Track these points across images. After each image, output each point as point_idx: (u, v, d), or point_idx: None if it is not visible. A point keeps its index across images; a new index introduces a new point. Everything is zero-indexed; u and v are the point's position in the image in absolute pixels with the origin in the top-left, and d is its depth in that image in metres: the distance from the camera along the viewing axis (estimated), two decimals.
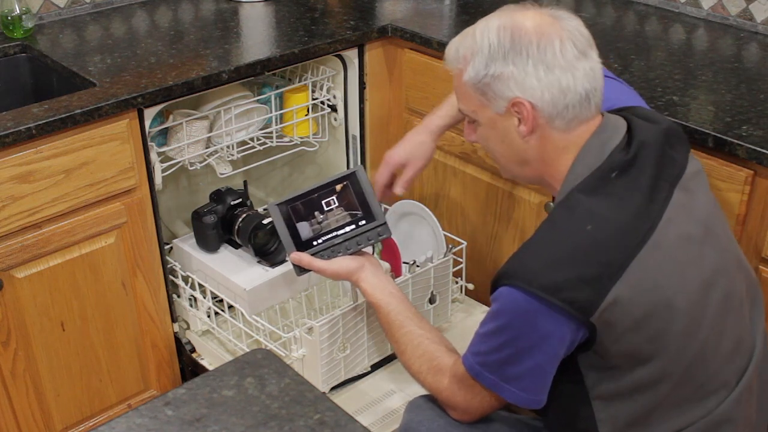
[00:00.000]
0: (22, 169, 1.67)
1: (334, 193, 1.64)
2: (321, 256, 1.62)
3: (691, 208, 1.28)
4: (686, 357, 1.24)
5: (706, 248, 1.27)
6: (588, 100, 1.25)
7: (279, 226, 1.62)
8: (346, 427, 1.04)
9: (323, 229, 1.63)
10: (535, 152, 1.30)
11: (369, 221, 1.64)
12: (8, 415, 1.86)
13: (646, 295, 1.20)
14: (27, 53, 2.07)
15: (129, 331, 1.99)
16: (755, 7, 2.11)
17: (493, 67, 1.25)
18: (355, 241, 1.63)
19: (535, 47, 1.22)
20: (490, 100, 1.28)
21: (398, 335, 1.48)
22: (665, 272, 1.21)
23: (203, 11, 2.29)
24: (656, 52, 2.01)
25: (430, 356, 1.41)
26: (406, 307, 1.52)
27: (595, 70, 1.26)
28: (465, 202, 2.20)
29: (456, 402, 1.36)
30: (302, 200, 1.63)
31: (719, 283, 1.27)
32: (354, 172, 1.65)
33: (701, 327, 1.25)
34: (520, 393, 1.26)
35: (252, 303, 1.93)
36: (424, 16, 2.24)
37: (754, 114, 1.67)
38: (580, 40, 1.25)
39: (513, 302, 1.21)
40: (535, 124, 1.26)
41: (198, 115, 2.01)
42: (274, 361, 1.15)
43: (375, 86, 2.25)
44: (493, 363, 1.26)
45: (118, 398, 2.04)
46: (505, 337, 1.23)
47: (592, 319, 1.18)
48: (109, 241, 1.87)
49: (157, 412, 1.07)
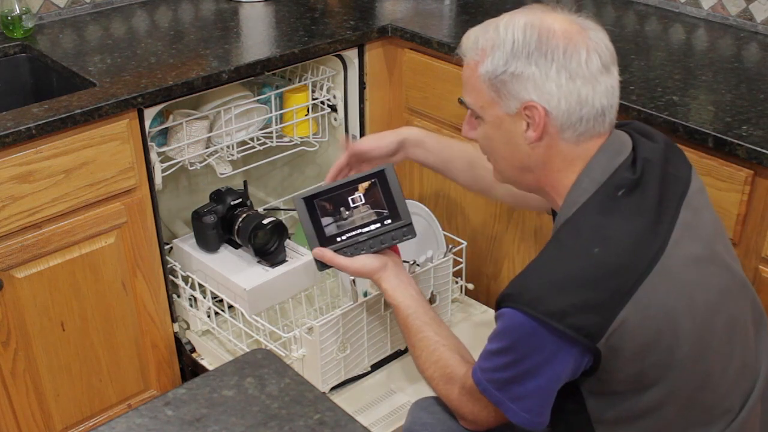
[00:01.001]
0: (22, 169, 1.67)
1: (361, 190, 1.62)
2: (344, 252, 1.59)
3: (697, 227, 1.24)
4: (693, 381, 1.21)
5: (712, 269, 1.23)
6: (603, 116, 1.22)
7: (303, 220, 1.59)
8: (346, 427, 1.04)
9: (348, 226, 1.60)
10: (539, 160, 1.25)
11: (395, 220, 1.62)
12: (8, 415, 1.86)
13: (654, 320, 1.16)
14: (27, 53, 2.07)
15: (129, 331, 1.99)
16: (755, 7, 2.11)
17: (513, 65, 1.19)
18: (380, 239, 1.60)
19: (561, 52, 1.18)
20: (502, 99, 1.22)
21: (415, 340, 1.47)
22: (673, 296, 1.17)
23: (203, 11, 2.29)
24: (656, 52, 2.01)
25: (443, 364, 1.40)
26: (425, 311, 1.50)
27: (615, 88, 1.22)
28: (465, 202, 2.20)
29: (464, 412, 1.35)
30: (328, 195, 1.61)
31: (725, 305, 1.24)
32: (383, 170, 1.62)
33: (708, 350, 1.21)
34: (522, 414, 1.23)
35: (252, 303, 1.93)
36: (424, 16, 2.24)
37: (754, 114, 1.67)
38: (605, 53, 1.21)
39: (517, 325, 1.18)
40: (545, 131, 1.21)
41: (198, 115, 2.01)
42: (274, 361, 1.15)
43: (375, 86, 2.25)
44: (498, 381, 1.24)
45: (118, 398, 2.04)
46: (510, 358, 1.21)
47: (599, 345, 1.14)
48: (109, 241, 1.87)
49: (157, 412, 1.07)
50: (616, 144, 1.25)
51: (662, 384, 1.19)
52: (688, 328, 1.18)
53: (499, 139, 1.27)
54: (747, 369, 1.28)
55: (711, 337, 1.21)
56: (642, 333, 1.15)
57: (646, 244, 1.17)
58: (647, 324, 1.15)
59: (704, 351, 1.21)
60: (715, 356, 1.22)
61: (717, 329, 1.22)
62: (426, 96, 2.17)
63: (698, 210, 1.26)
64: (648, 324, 1.15)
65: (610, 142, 1.25)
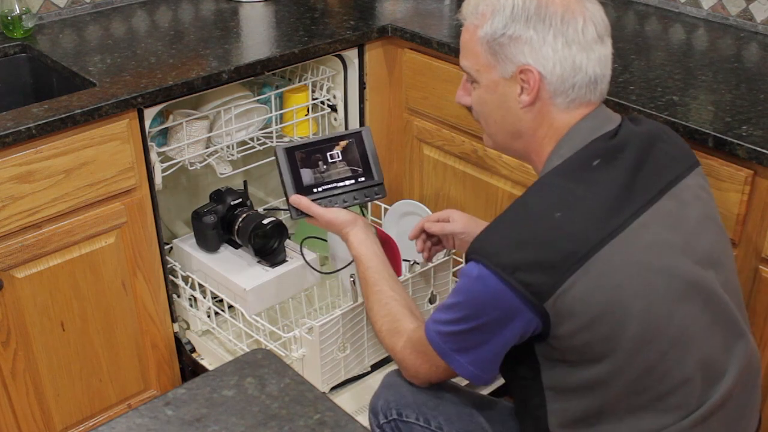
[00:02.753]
0: (22, 169, 1.67)
1: (339, 147, 1.73)
2: (318, 203, 1.69)
3: (679, 218, 1.25)
4: (639, 365, 1.21)
5: (685, 261, 1.23)
6: (595, 84, 1.26)
7: (283, 169, 1.70)
8: (346, 427, 1.04)
9: (324, 179, 1.71)
10: (530, 125, 1.29)
11: (368, 179, 1.74)
12: (8, 415, 1.86)
13: (603, 291, 1.17)
14: (27, 53, 2.07)
15: (129, 331, 1.99)
16: (755, 7, 2.11)
17: (512, 28, 1.23)
18: (353, 195, 1.72)
19: (559, 19, 1.22)
20: (499, 62, 1.26)
21: (370, 292, 1.54)
22: (628, 273, 1.19)
23: (203, 11, 2.29)
24: (656, 52, 2.01)
25: (393, 317, 1.47)
26: (385, 268, 1.58)
27: (608, 58, 1.27)
28: (465, 202, 2.20)
29: (407, 364, 1.42)
30: (309, 148, 1.72)
31: (694, 300, 1.23)
32: (360, 132, 1.75)
33: (661, 338, 1.21)
34: (468, 366, 1.28)
35: (252, 303, 1.94)
36: (424, 16, 2.24)
37: (754, 114, 1.67)
38: (600, 24, 1.25)
39: (475, 278, 1.21)
40: (538, 96, 1.25)
41: (198, 115, 2.01)
42: (274, 361, 1.15)
43: (375, 86, 2.25)
44: (448, 333, 1.28)
45: (118, 398, 2.04)
46: (464, 312, 1.25)
47: (546, 305, 1.17)
48: (109, 241, 1.87)
49: (157, 412, 1.07)
50: (602, 116, 1.29)
51: (608, 361, 1.21)
52: (639, 309, 1.19)
53: (493, 103, 1.31)
54: (708, 369, 1.26)
55: (666, 327, 1.21)
56: (590, 302, 1.17)
57: (611, 215, 1.19)
58: (596, 294, 1.17)
59: (655, 338, 1.21)
60: (670, 347, 1.22)
61: (675, 321, 1.22)
62: (426, 96, 2.17)
63: (686, 204, 1.27)
64: (597, 294, 1.17)
65: (597, 113, 1.28)
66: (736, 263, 1.64)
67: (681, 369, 1.23)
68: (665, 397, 1.24)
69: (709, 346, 1.26)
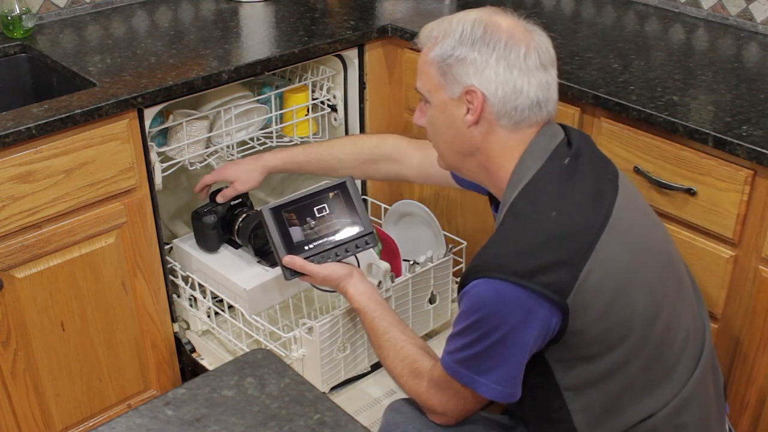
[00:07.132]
0: (22, 169, 1.67)
1: (325, 200, 1.72)
2: (311, 261, 1.67)
3: (631, 199, 1.35)
4: (651, 338, 1.29)
5: (654, 235, 1.36)
6: (539, 107, 1.31)
7: (272, 230, 1.68)
8: (346, 427, 1.04)
9: (314, 236, 1.69)
10: (479, 144, 1.33)
11: (357, 230, 1.72)
12: (8, 415, 1.86)
13: (613, 274, 1.24)
14: (27, 53, 2.07)
15: (129, 331, 1.99)
16: (755, 7, 2.11)
17: (459, 50, 1.29)
18: (344, 248, 1.70)
19: (502, 44, 1.28)
20: (448, 82, 1.32)
21: (382, 341, 1.52)
22: (627, 252, 1.27)
23: (203, 11, 2.29)
24: (656, 52, 2.01)
25: (410, 360, 1.45)
26: (390, 314, 1.57)
27: (550, 84, 1.31)
28: (465, 202, 2.20)
29: (433, 405, 1.39)
30: (295, 206, 1.71)
31: (671, 267, 1.35)
32: (344, 182, 1.73)
33: (662, 308, 1.30)
34: (494, 386, 1.28)
35: (252, 303, 1.93)
36: (424, 16, 2.24)
37: (754, 114, 1.67)
38: (545, 54, 1.30)
39: (485, 295, 1.23)
40: (482, 116, 1.30)
41: (198, 115, 2.01)
42: (274, 361, 1.15)
43: (375, 86, 2.25)
44: (467, 358, 1.29)
45: (118, 398, 2.04)
46: (477, 333, 1.26)
47: (568, 300, 1.21)
48: (109, 241, 1.87)
49: (157, 412, 1.07)
50: (552, 129, 1.35)
51: (625, 343, 1.27)
52: (642, 286, 1.28)
53: (443, 123, 1.36)
54: (696, 329, 1.37)
55: (664, 297, 1.31)
56: (604, 288, 1.23)
57: (597, 205, 1.28)
58: (608, 278, 1.24)
59: (659, 307, 1.30)
60: (669, 313, 1.31)
61: (669, 288, 1.33)
62: None
63: (630, 191, 1.37)
64: (608, 278, 1.24)
65: (547, 128, 1.34)
66: (736, 263, 1.65)
67: (680, 334, 1.32)
68: (673, 365, 1.31)
69: (689, 309, 1.37)
